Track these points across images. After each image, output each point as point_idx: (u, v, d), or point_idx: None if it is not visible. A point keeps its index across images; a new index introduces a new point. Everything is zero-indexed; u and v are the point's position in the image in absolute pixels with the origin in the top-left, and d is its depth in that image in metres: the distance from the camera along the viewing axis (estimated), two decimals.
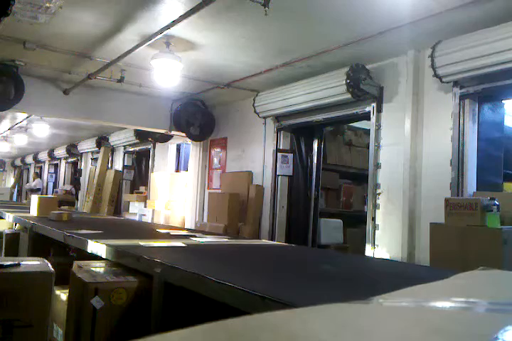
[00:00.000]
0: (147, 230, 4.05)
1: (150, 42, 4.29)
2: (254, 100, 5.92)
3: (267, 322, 0.51)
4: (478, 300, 0.67)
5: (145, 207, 8.41)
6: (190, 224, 7.17)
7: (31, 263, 2.28)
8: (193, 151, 7.58)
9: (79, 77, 5.87)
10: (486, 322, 0.57)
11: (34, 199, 4.74)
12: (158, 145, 8.89)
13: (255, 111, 5.93)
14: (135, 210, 8.67)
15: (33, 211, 4.61)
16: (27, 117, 8.82)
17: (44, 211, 4.42)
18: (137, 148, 9.67)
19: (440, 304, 0.63)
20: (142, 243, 2.42)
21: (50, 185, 14.89)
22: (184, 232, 3.60)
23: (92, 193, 10.11)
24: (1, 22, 3.45)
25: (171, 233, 3.39)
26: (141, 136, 8.64)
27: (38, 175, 14.83)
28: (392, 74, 4.55)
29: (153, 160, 9.06)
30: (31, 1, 3.71)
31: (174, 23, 3.81)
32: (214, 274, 1.53)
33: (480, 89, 3.84)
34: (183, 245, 2.54)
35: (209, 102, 7.06)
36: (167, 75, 4.96)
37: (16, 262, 2.19)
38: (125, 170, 10.01)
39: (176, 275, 1.71)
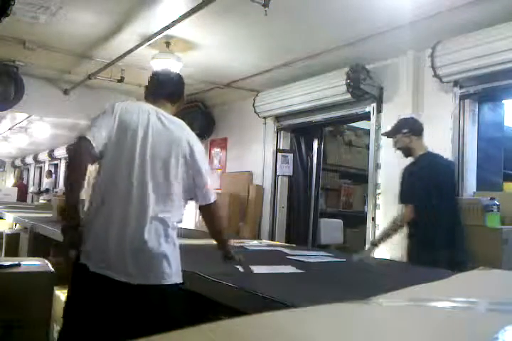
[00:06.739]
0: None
1: (150, 42, 4.28)
2: (254, 100, 5.91)
3: (267, 322, 0.51)
4: (478, 300, 0.67)
5: None
6: (189, 225, 7.16)
7: (31, 263, 2.28)
8: None
9: (79, 77, 5.87)
10: (486, 322, 0.57)
11: (54, 201, 4.43)
12: None
13: (255, 111, 5.93)
14: None
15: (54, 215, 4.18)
16: (27, 117, 8.80)
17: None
18: None
19: (440, 304, 0.63)
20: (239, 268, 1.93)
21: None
22: (265, 246, 3.06)
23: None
24: (1, 22, 3.45)
25: (252, 247, 2.80)
26: None
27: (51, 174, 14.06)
28: (392, 74, 4.54)
29: None
30: (31, 1, 3.71)
31: (174, 23, 3.81)
32: None
33: (480, 89, 3.84)
34: (300, 271, 2.02)
35: (209, 102, 7.05)
36: None
37: (17, 262, 2.19)
38: None
39: None
